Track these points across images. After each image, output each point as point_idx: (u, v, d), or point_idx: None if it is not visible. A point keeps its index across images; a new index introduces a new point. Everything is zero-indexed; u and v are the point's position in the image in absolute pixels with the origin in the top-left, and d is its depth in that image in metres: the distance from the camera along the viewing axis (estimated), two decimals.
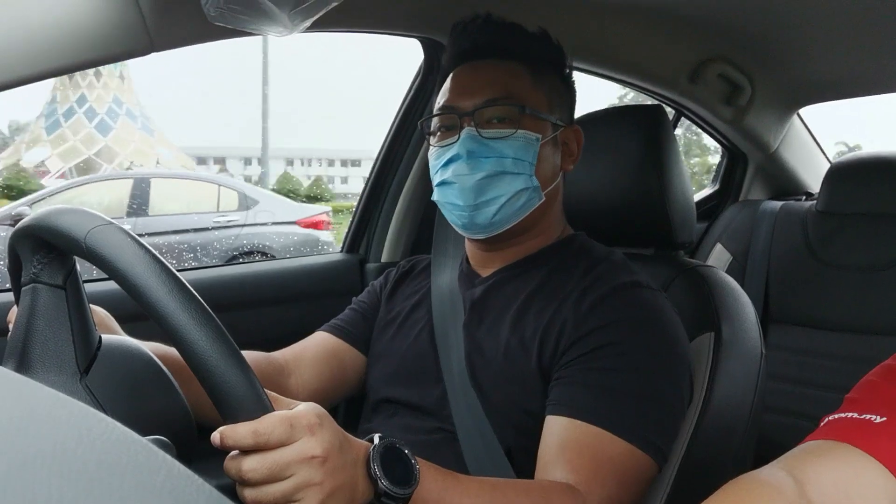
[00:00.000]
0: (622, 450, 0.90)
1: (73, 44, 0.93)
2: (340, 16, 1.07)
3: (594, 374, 0.95)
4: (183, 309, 0.62)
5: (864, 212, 1.95)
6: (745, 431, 1.09)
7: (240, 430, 0.64)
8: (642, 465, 0.91)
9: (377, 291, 1.29)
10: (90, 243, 0.65)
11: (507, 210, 1.06)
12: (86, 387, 0.72)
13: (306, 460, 0.67)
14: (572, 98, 1.18)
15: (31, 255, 0.72)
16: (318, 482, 0.67)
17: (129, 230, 0.66)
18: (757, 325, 1.15)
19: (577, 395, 0.94)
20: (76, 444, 0.34)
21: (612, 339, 0.97)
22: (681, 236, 1.26)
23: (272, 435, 0.65)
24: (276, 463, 0.65)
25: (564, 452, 0.90)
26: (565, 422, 0.93)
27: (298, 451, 0.66)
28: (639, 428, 0.91)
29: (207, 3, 0.95)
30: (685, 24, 1.71)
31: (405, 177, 1.73)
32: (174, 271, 0.64)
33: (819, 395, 1.89)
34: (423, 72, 1.67)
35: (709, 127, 2.22)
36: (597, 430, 0.90)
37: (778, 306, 2.03)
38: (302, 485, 0.66)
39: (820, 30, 1.70)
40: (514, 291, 1.09)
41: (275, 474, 0.66)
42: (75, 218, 0.67)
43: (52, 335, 0.72)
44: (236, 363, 0.63)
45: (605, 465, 0.89)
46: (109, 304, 1.02)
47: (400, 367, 1.14)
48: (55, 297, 0.73)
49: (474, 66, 1.11)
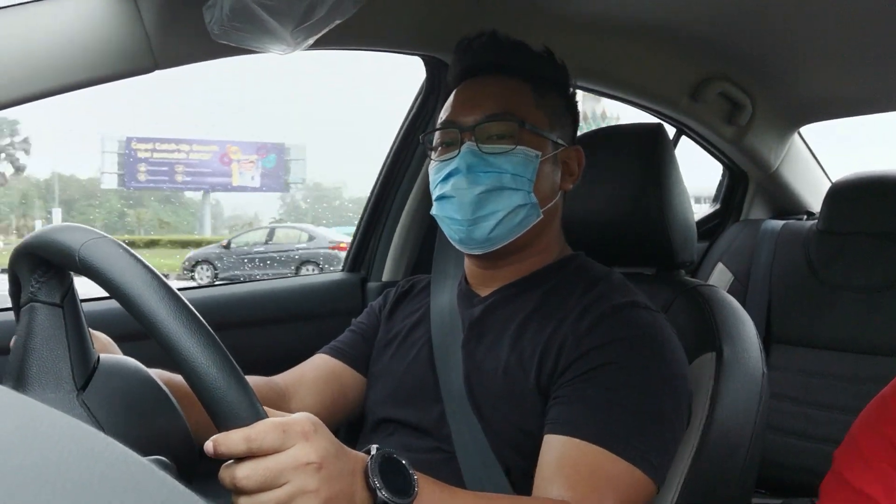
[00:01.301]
0: (621, 468, 0.89)
1: (78, 62, 0.93)
2: (344, 34, 1.08)
3: (593, 392, 0.94)
4: (174, 317, 0.62)
5: (866, 231, 1.94)
6: (747, 451, 1.09)
7: (232, 436, 0.63)
8: (641, 483, 0.90)
9: (376, 312, 1.29)
10: (83, 255, 0.65)
11: (504, 225, 1.06)
12: (83, 403, 0.71)
13: (301, 467, 0.66)
14: (575, 118, 1.18)
15: (29, 275, 0.73)
16: (314, 489, 0.66)
17: (121, 243, 0.66)
18: (759, 345, 1.15)
19: (576, 414, 0.93)
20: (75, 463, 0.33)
21: (611, 358, 0.96)
22: (682, 256, 1.26)
23: (265, 440, 0.64)
24: (270, 469, 0.64)
25: (562, 470, 0.90)
26: (563, 440, 0.92)
27: (293, 457, 0.65)
28: (638, 446, 0.91)
29: (211, 22, 0.96)
30: (686, 43, 1.72)
31: (407, 196, 1.74)
32: (165, 281, 0.64)
33: (821, 415, 1.88)
34: (425, 90, 1.68)
35: (709, 145, 2.23)
36: (595, 448, 0.90)
37: (780, 326, 2.02)
38: (297, 492, 0.65)
39: (820, 49, 1.70)
40: (513, 311, 1.09)
41: (269, 481, 0.64)
42: (69, 233, 0.68)
43: (49, 353, 0.72)
44: (229, 370, 0.62)
45: (603, 483, 0.88)
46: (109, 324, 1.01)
47: (399, 387, 1.14)
48: (52, 315, 0.73)
49: (477, 83, 1.12)
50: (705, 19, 1.58)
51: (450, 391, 1.06)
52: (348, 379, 1.21)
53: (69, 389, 0.71)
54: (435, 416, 1.07)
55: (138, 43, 0.99)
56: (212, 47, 1.02)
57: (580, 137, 1.24)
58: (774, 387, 1.83)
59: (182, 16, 1.01)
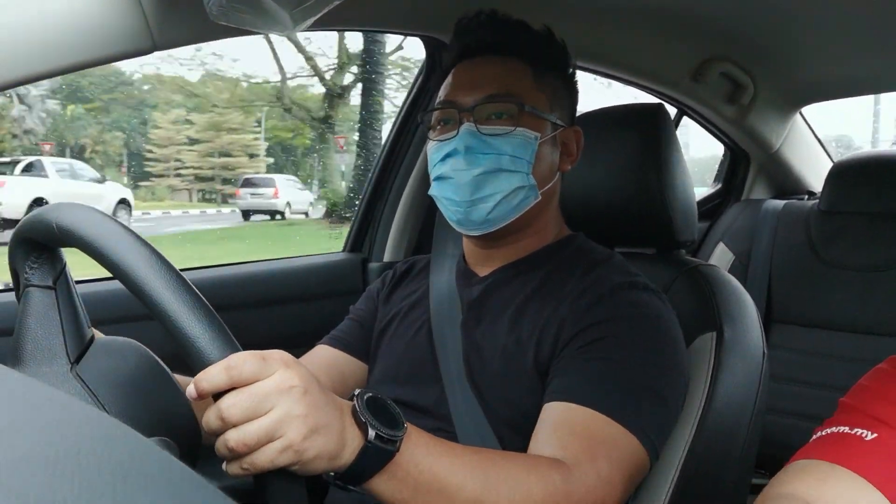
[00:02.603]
0: (615, 431, 0.89)
1: (75, 43, 0.93)
2: (343, 14, 1.07)
3: (591, 363, 0.95)
4: (145, 263, 0.63)
5: (867, 211, 1.94)
6: (747, 431, 1.09)
7: (212, 369, 0.62)
8: (635, 451, 0.90)
9: (374, 296, 1.29)
10: (59, 224, 0.67)
11: (502, 207, 1.06)
12: (77, 376, 0.72)
13: (285, 390, 0.65)
14: (574, 99, 1.17)
15: (24, 263, 0.75)
16: (302, 413, 0.65)
17: (96, 208, 0.68)
18: (759, 325, 1.15)
19: (573, 382, 0.94)
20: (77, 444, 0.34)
21: (611, 332, 0.97)
22: (682, 235, 1.26)
23: (244, 368, 0.63)
24: (254, 395, 0.63)
25: (556, 432, 0.90)
26: (559, 406, 0.92)
27: (276, 380, 0.65)
28: (633, 415, 0.90)
29: (210, 2, 0.95)
30: (688, 23, 1.71)
31: (407, 176, 1.73)
32: (136, 234, 0.65)
33: (821, 394, 1.88)
34: (425, 70, 1.67)
35: (711, 126, 2.22)
36: (590, 412, 0.90)
37: (780, 306, 2.02)
38: (284, 416, 0.64)
39: (822, 28, 1.69)
40: (513, 292, 1.09)
41: (254, 407, 0.63)
42: (49, 210, 0.70)
43: (43, 332, 0.73)
44: (201, 310, 0.63)
45: (597, 444, 0.88)
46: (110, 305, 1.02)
47: (398, 367, 1.14)
48: (46, 296, 0.75)
49: (476, 63, 1.11)
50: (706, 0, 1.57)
51: (448, 371, 1.06)
52: (349, 367, 1.22)
53: (63, 363, 0.73)
54: (434, 395, 1.07)
55: (136, 24, 0.98)
56: (210, 28, 1.02)
57: (580, 117, 1.23)
58: (774, 367, 1.83)
59: None
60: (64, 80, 14.86)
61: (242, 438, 0.63)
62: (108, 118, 17.91)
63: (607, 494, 0.85)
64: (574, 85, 1.18)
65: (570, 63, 1.16)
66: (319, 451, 0.66)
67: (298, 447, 0.65)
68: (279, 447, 0.64)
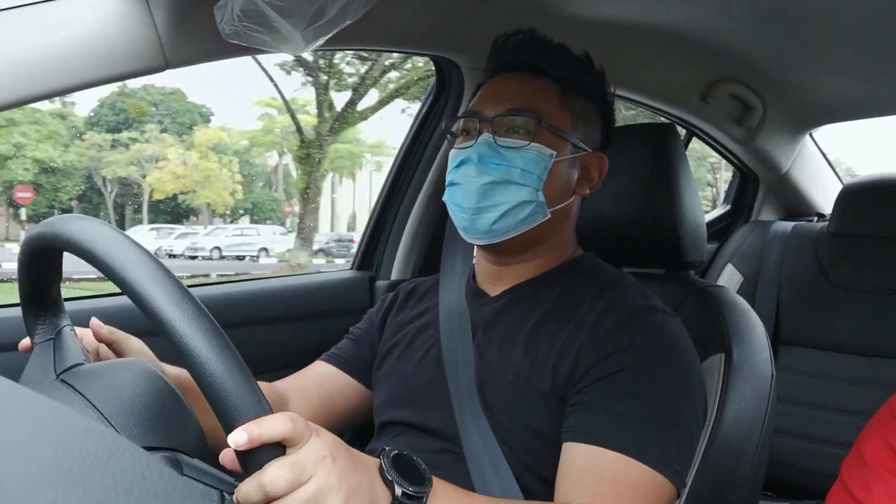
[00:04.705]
0: (643, 474, 0.89)
1: (89, 61, 0.94)
2: (354, 34, 1.08)
3: (614, 400, 0.94)
4: (179, 309, 0.62)
5: (877, 234, 1.93)
6: (755, 453, 1.08)
7: (271, 423, 0.61)
8: (664, 489, 0.90)
9: (373, 317, 1.29)
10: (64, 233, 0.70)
11: (508, 220, 1.06)
12: (62, 381, 0.75)
13: (320, 460, 0.65)
14: (607, 126, 1.17)
15: (34, 324, 0.82)
16: (336, 482, 0.65)
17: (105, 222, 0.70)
18: (768, 347, 1.14)
19: (597, 422, 0.93)
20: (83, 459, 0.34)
21: (632, 364, 0.96)
22: (691, 256, 1.25)
23: (297, 427, 0.63)
24: (296, 464, 0.63)
25: (584, 479, 0.90)
26: (584, 448, 0.92)
27: (312, 449, 0.64)
28: (660, 453, 0.90)
29: (222, 21, 0.96)
30: (697, 45, 1.71)
31: (416, 195, 1.74)
32: (157, 260, 0.65)
33: (829, 417, 1.87)
34: (435, 90, 1.68)
35: (720, 147, 2.22)
36: (617, 456, 0.90)
37: (788, 328, 2.01)
38: (323, 486, 0.64)
39: (832, 51, 1.70)
40: (526, 313, 1.09)
41: (297, 476, 0.63)
42: (53, 223, 0.72)
43: (40, 368, 0.79)
44: (234, 364, 0.62)
45: (626, 490, 0.88)
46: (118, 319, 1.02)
47: (405, 389, 1.14)
48: (47, 345, 0.82)
49: (505, 78, 1.13)
50: (716, 21, 1.58)
51: (459, 391, 1.06)
52: (342, 385, 1.22)
53: (50, 376, 0.77)
54: (443, 416, 1.06)
55: (149, 42, 0.99)
56: (222, 47, 1.03)
57: None
58: (782, 389, 1.82)
59: (193, 16, 1.02)
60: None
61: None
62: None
63: None
64: (609, 113, 1.18)
65: (607, 90, 1.17)
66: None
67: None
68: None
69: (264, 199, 18.10)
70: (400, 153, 1.76)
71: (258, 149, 17.20)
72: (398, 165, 1.75)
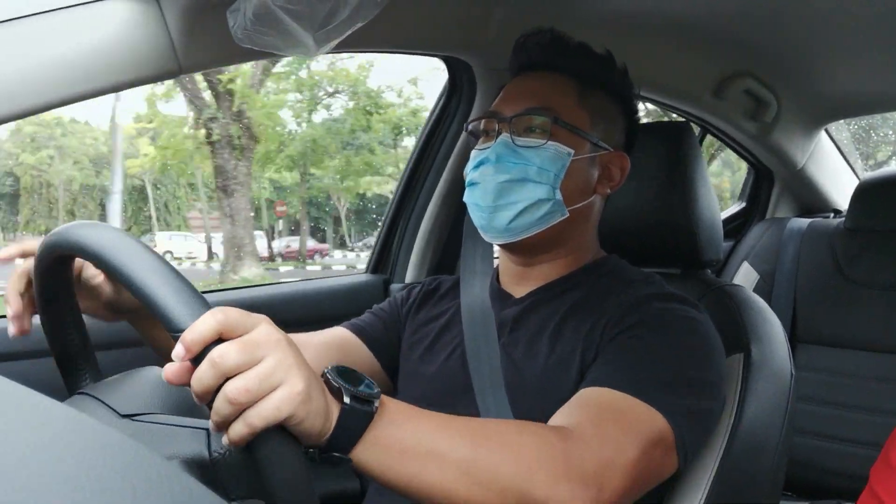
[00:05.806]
0: (634, 404, 0.86)
1: (103, 67, 0.94)
2: (365, 37, 1.08)
3: (623, 352, 0.94)
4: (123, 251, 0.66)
5: (894, 229, 1.92)
6: (775, 452, 1.07)
7: (197, 322, 0.61)
8: (653, 419, 0.86)
9: (398, 304, 1.28)
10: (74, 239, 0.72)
11: (525, 218, 1.06)
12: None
13: (274, 342, 0.63)
14: (629, 125, 1.17)
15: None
16: (294, 363, 0.63)
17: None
18: (786, 346, 1.13)
19: (603, 370, 0.93)
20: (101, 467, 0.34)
21: (651, 328, 0.96)
22: (707, 254, 1.25)
23: (230, 313, 0.62)
24: (245, 342, 0.61)
25: (570, 406, 0.89)
26: (585, 389, 0.91)
27: (264, 331, 0.63)
28: (655, 392, 0.88)
29: (235, 26, 0.97)
30: (710, 40, 1.70)
31: (429, 198, 1.74)
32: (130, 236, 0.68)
33: (847, 415, 1.86)
34: (447, 91, 1.67)
35: (734, 143, 2.21)
36: (615, 392, 0.88)
37: (805, 326, 2.00)
38: (280, 363, 0.62)
39: (847, 45, 1.68)
40: (551, 312, 1.08)
41: (250, 355, 0.61)
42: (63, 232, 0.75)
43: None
44: (171, 274, 0.63)
45: (604, 410, 0.85)
46: None
47: (428, 390, 1.13)
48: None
49: (525, 77, 1.14)
50: (729, 16, 1.56)
51: (483, 391, 1.05)
52: (357, 351, 1.21)
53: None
54: (468, 415, 1.06)
55: (163, 47, 1.00)
56: (235, 51, 1.03)
57: None
58: (800, 388, 1.81)
59: (206, 20, 1.02)
60: None
61: (245, 385, 0.60)
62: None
63: (616, 454, 0.81)
64: (632, 113, 1.18)
65: (630, 89, 1.16)
66: (317, 406, 0.65)
67: (302, 392, 0.63)
68: (283, 393, 0.62)
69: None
70: (413, 156, 1.76)
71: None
72: (411, 168, 1.75)
